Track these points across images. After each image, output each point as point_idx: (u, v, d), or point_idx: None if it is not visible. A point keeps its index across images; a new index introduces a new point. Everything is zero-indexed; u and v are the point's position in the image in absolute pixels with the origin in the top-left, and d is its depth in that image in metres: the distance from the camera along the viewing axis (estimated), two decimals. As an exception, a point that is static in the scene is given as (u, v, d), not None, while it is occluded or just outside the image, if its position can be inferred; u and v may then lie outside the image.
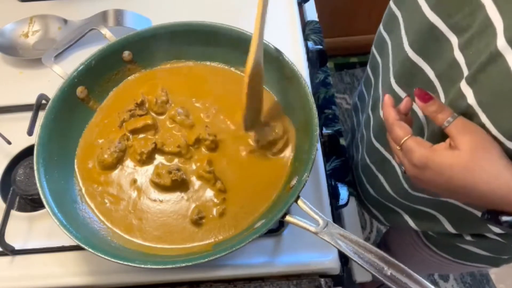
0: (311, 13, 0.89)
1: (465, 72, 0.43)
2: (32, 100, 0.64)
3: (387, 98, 0.49)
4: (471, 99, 0.41)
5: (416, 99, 0.45)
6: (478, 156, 0.40)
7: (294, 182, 0.53)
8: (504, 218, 0.40)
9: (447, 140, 0.43)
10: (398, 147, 0.46)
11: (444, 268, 0.78)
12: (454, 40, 0.44)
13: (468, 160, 0.40)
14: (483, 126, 0.41)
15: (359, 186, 0.78)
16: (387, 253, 0.44)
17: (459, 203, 0.55)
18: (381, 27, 0.62)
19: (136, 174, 0.59)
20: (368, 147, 0.70)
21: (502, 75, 0.37)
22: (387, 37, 0.60)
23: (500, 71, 0.37)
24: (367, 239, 1.55)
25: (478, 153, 0.40)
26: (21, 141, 0.65)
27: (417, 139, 0.44)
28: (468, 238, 0.63)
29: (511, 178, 0.39)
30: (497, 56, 0.37)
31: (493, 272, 1.50)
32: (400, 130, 0.46)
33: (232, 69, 0.67)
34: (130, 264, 0.47)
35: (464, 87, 0.42)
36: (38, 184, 0.52)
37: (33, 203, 0.62)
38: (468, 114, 0.42)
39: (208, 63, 0.68)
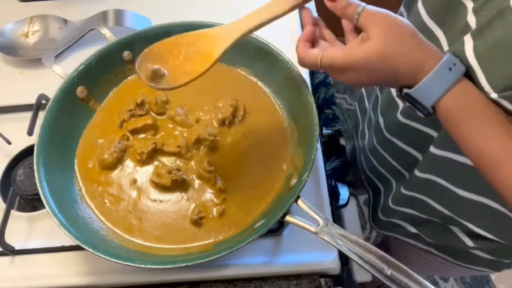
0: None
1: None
2: (32, 100, 0.64)
3: (301, 36, 0.50)
4: (469, 51, 0.41)
5: (325, 1, 0.45)
6: (389, 40, 0.40)
7: (294, 182, 0.53)
8: (405, 90, 0.41)
9: (361, 35, 0.43)
10: (320, 70, 0.47)
11: (445, 271, 0.78)
12: (470, 5, 0.44)
13: (380, 46, 0.40)
14: (477, 82, 0.41)
15: (368, 169, 0.78)
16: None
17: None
18: (401, 7, 0.63)
19: (136, 174, 0.59)
20: (376, 129, 0.71)
21: (506, 26, 0.37)
22: (405, 15, 0.60)
23: (505, 23, 0.38)
24: (367, 239, 1.55)
25: (389, 37, 0.40)
26: (21, 141, 0.65)
27: (329, 52, 0.44)
28: (469, 241, 0.63)
29: (422, 55, 0.40)
30: (507, 10, 0.37)
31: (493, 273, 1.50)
32: (311, 54, 0.46)
33: (232, 67, 0.67)
34: (130, 264, 0.47)
35: (467, 39, 0.42)
36: (38, 184, 0.52)
37: (33, 203, 0.62)
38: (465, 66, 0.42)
39: (208, 63, 0.67)
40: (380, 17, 0.41)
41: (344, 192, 0.65)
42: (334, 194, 0.64)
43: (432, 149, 0.54)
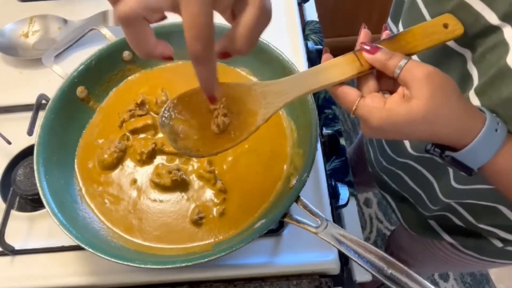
0: (311, 13, 0.89)
1: (475, 83, 0.44)
2: (32, 100, 0.64)
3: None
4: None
5: (364, 53, 0.41)
6: (436, 102, 0.37)
7: (294, 182, 0.53)
8: (447, 153, 0.40)
9: (400, 90, 0.39)
10: (352, 115, 0.41)
11: (468, 267, 0.77)
12: (468, 55, 0.44)
13: (426, 110, 0.36)
14: None
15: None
16: (398, 251, 0.43)
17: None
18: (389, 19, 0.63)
19: (136, 174, 0.59)
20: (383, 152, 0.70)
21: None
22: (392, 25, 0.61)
23: (510, 83, 0.38)
24: (367, 239, 1.55)
25: (437, 98, 0.37)
26: (21, 141, 0.65)
27: (367, 101, 0.39)
28: (499, 243, 0.63)
29: (467, 118, 0.38)
30: (506, 71, 0.38)
31: (493, 272, 1.50)
32: (348, 94, 0.41)
33: (232, 67, 0.67)
34: (130, 264, 0.47)
35: (472, 95, 0.43)
36: (38, 184, 0.52)
37: (33, 203, 0.62)
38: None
39: (208, 63, 0.67)
40: (426, 75, 0.37)
41: (344, 192, 0.65)
42: (334, 194, 0.64)
43: None
